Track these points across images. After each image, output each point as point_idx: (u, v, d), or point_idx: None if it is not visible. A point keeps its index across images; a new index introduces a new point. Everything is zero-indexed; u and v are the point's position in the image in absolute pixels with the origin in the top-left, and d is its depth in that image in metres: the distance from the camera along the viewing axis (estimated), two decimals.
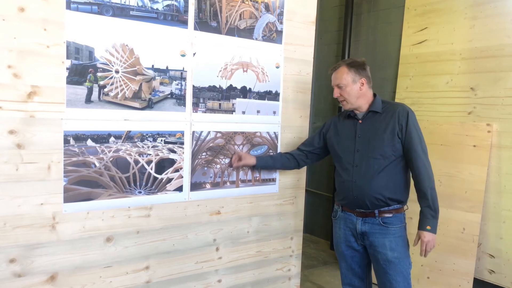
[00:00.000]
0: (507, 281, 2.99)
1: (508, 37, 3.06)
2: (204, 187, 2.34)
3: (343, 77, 2.16)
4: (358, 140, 2.20)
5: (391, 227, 2.14)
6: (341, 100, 2.21)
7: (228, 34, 2.32)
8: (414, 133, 2.10)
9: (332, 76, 2.22)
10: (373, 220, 2.16)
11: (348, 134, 2.25)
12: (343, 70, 2.17)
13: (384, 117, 2.16)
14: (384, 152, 2.11)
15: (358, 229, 2.20)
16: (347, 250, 2.29)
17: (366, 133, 2.18)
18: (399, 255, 2.13)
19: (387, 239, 2.13)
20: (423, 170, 2.09)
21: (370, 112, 2.20)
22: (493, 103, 3.11)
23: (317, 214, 4.68)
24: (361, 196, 2.14)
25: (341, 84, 2.16)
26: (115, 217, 2.06)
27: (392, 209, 2.15)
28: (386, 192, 2.11)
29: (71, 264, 1.97)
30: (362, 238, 2.21)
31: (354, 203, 2.19)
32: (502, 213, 3.03)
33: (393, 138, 2.11)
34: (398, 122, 2.11)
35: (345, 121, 2.31)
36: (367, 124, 2.20)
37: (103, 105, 1.98)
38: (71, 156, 1.93)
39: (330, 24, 4.54)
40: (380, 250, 2.14)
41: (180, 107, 2.21)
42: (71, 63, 1.88)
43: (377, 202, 2.12)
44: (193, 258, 2.33)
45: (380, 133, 2.14)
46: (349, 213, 2.24)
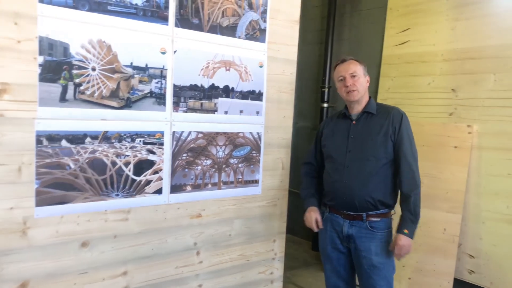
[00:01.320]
0: (487, 281, 3.02)
1: (488, 39, 3.08)
2: (184, 190, 2.26)
3: (357, 68, 2.14)
4: (351, 141, 2.16)
5: (378, 232, 2.11)
6: (353, 89, 2.13)
7: (210, 31, 2.25)
8: (406, 136, 2.09)
9: (343, 66, 2.16)
10: (360, 223, 2.12)
11: (341, 134, 2.21)
12: (355, 62, 2.15)
13: (378, 119, 2.14)
14: (377, 154, 2.09)
15: (345, 232, 2.17)
16: (333, 252, 2.25)
17: (359, 134, 2.15)
18: (383, 260, 2.10)
19: (373, 244, 2.10)
20: (410, 173, 2.07)
21: (364, 113, 2.17)
22: (473, 105, 3.13)
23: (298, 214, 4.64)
24: (351, 197, 2.11)
25: (355, 73, 2.13)
26: (91, 221, 1.97)
27: (380, 213, 2.12)
28: (376, 195, 2.09)
29: (43, 271, 1.87)
30: (347, 241, 2.18)
31: (343, 205, 2.15)
32: (481, 213, 3.05)
33: (386, 141, 2.09)
34: (391, 125, 2.10)
35: (338, 121, 2.28)
36: (361, 125, 2.17)
37: (78, 104, 1.89)
38: (44, 157, 1.83)
39: (313, 24, 4.51)
40: (365, 255, 2.11)
41: (160, 107, 2.13)
42: (44, 60, 1.78)
43: (367, 204, 2.09)
44: (173, 263, 2.26)
45: (373, 134, 2.11)
46: (336, 215, 2.20)
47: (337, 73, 2.19)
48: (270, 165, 2.60)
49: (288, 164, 2.69)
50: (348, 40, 4.17)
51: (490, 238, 3.01)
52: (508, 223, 2.93)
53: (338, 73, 2.19)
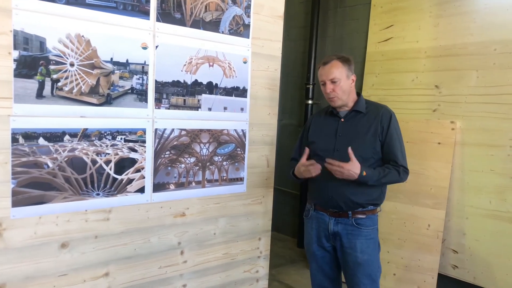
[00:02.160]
0: (470, 276, 3.05)
1: (471, 36, 3.10)
2: (167, 188, 2.22)
3: (338, 71, 2.05)
4: (338, 139, 2.11)
5: (364, 229, 2.09)
6: (333, 96, 2.07)
7: (193, 26, 2.21)
8: (395, 136, 2.07)
9: (324, 70, 2.08)
10: (346, 220, 2.10)
11: (329, 132, 2.16)
12: (337, 64, 2.06)
13: (367, 118, 2.11)
14: (365, 153, 2.05)
15: (330, 229, 2.14)
16: (318, 250, 2.22)
17: (347, 133, 2.11)
18: (369, 258, 2.08)
19: (359, 241, 2.08)
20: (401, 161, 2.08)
21: (353, 112, 2.13)
22: (456, 101, 3.16)
23: (283, 212, 4.64)
24: (336, 196, 2.08)
25: (336, 78, 2.04)
26: (70, 221, 1.92)
27: (366, 210, 2.10)
28: (362, 195, 2.07)
29: (21, 273, 1.81)
30: (333, 238, 2.15)
31: (328, 203, 2.13)
32: (465, 209, 3.08)
33: (374, 140, 2.07)
34: (380, 124, 2.07)
35: (326, 119, 2.22)
36: (349, 124, 2.13)
37: (56, 100, 1.83)
38: (21, 156, 1.76)
39: (296, 20, 4.50)
40: (350, 252, 2.09)
41: (142, 103, 2.08)
42: (19, 54, 1.72)
43: (352, 204, 2.07)
44: (157, 263, 2.21)
45: (362, 134, 2.08)
46: (321, 213, 2.17)
47: (319, 76, 2.13)
48: (255, 163, 2.57)
49: (273, 161, 2.67)
50: (332, 37, 4.17)
51: (474, 233, 3.04)
52: (491, 219, 2.96)
53: (320, 76, 2.12)
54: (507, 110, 2.90)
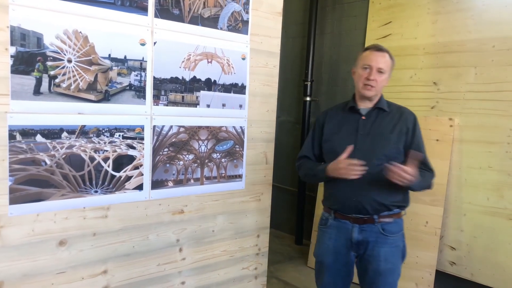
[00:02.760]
0: (468, 273, 3.06)
1: (469, 33, 3.10)
2: (166, 185, 2.21)
3: (387, 64, 1.95)
4: (359, 137, 1.97)
5: (390, 236, 1.95)
6: (372, 85, 1.93)
7: (191, 22, 2.19)
8: (420, 138, 2.01)
9: (375, 55, 1.94)
10: (372, 227, 1.95)
11: (348, 130, 2.01)
12: (387, 56, 1.96)
13: (391, 117, 2.00)
14: (389, 152, 1.93)
15: (354, 238, 1.96)
16: (335, 263, 2.03)
17: (369, 131, 1.98)
18: (392, 267, 1.96)
19: (383, 249, 1.94)
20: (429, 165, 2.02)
21: (376, 109, 2.01)
22: (455, 98, 3.16)
23: (281, 208, 4.64)
24: (361, 199, 1.92)
25: (384, 69, 1.93)
26: (68, 218, 1.90)
27: (392, 214, 1.97)
28: (389, 196, 1.93)
29: (18, 271, 1.80)
30: (357, 247, 1.98)
31: (351, 208, 1.95)
32: (463, 206, 3.09)
33: (399, 140, 1.96)
34: (405, 125, 1.97)
35: (344, 115, 2.07)
36: (371, 121, 1.99)
37: (54, 97, 1.81)
38: (18, 153, 1.75)
39: (295, 17, 4.48)
40: (371, 260, 1.95)
41: (140, 100, 2.06)
42: (16, 50, 1.70)
43: (379, 206, 1.93)
44: (155, 260, 2.20)
45: (386, 132, 1.96)
46: (343, 221, 1.99)
47: (365, 59, 1.96)
48: (254, 160, 2.56)
49: (272, 158, 2.66)
50: (331, 33, 4.16)
51: (471, 230, 3.05)
52: (489, 215, 2.97)
53: (366, 59, 1.96)
54: (505, 107, 2.90)
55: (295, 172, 4.43)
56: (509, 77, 2.89)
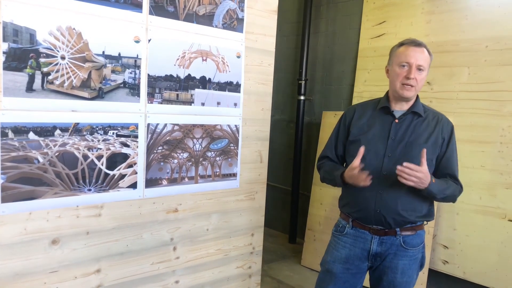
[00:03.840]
0: (460, 271, 3.08)
1: (462, 33, 3.12)
2: (160, 184, 2.19)
3: (427, 61, 1.75)
4: (390, 143, 1.79)
5: (411, 249, 1.82)
6: (412, 85, 1.74)
7: (186, 20, 2.18)
8: (455, 151, 1.84)
9: (414, 51, 1.74)
10: (393, 239, 1.81)
11: (379, 133, 1.83)
12: (426, 52, 1.76)
13: (427, 123, 1.81)
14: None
15: (372, 250, 1.83)
16: (344, 273, 1.89)
17: (402, 137, 1.79)
18: (408, 279, 1.84)
19: (402, 261, 1.82)
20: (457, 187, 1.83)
21: (411, 113, 1.81)
22: (448, 98, 3.18)
23: (275, 207, 4.64)
24: (385, 211, 1.77)
25: (423, 66, 1.73)
26: (61, 217, 1.88)
27: (415, 226, 1.83)
28: (412, 212, 1.79)
29: (10, 270, 1.77)
30: (373, 259, 1.86)
31: (373, 219, 1.81)
32: (456, 205, 3.10)
33: (434, 151, 1.79)
34: (441, 134, 1.80)
35: (375, 115, 1.88)
36: (405, 126, 1.80)
37: (47, 94, 1.79)
38: (10, 151, 1.72)
39: (289, 15, 4.48)
40: (388, 272, 1.83)
41: (134, 98, 2.05)
42: (8, 47, 1.67)
43: (403, 221, 1.79)
44: (149, 259, 2.19)
45: (421, 140, 1.78)
46: (362, 231, 1.85)
47: (402, 56, 1.76)
48: (248, 158, 2.56)
49: (267, 157, 2.66)
50: (325, 32, 4.16)
51: (464, 228, 3.07)
52: (481, 214, 2.99)
53: (403, 56, 1.75)
54: (498, 106, 2.93)
55: (289, 171, 4.43)
56: (502, 77, 2.91)
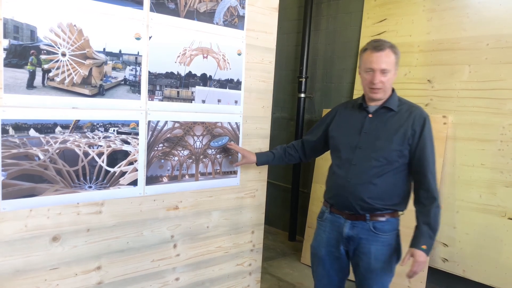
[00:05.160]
0: (459, 269, 3.09)
1: (464, 31, 3.12)
2: (160, 181, 2.19)
3: (390, 62, 1.84)
4: (363, 136, 1.93)
5: (382, 234, 1.91)
6: (379, 87, 1.86)
7: (187, 17, 2.17)
8: (429, 143, 1.88)
9: (376, 57, 1.84)
10: (363, 224, 1.92)
11: (353, 127, 1.97)
12: (390, 53, 1.84)
13: (398, 117, 1.90)
14: (390, 156, 1.87)
15: (345, 233, 1.96)
16: (328, 256, 2.05)
17: (373, 130, 1.92)
18: (382, 265, 1.92)
19: (374, 246, 1.92)
20: (433, 184, 1.88)
21: (383, 108, 1.93)
22: (449, 96, 3.18)
23: (275, 205, 4.65)
24: (353, 198, 1.91)
25: (387, 69, 1.83)
26: (62, 214, 1.88)
27: (385, 213, 1.92)
28: (380, 200, 1.90)
29: (11, 267, 1.77)
30: (347, 242, 1.98)
31: (344, 204, 1.96)
32: (456, 203, 3.11)
33: (402, 143, 1.87)
34: (412, 127, 1.87)
35: (352, 112, 2.03)
36: (377, 121, 1.93)
37: (47, 91, 1.78)
38: (11, 147, 1.72)
39: (290, 13, 4.47)
40: (363, 257, 1.94)
41: (135, 95, 2.04)
42: (9, 43, 1.67)
43: (369, 207, 1.91)
44: (149, 256, 2.19)
45: (390, 134, 1.89)
46: (337, 215, 2.00)
47: (366, 62, 1.89)
48: None
49: None
50: (325, 30, 4.15)
51: (464, 227, 3.07)
52: (481, 212, 2.99)
53: (367, 61, 1.88)
54: (498, 105, 2.93)
55: (289, 169, 4.44)
56: (503, 75, 2.91)
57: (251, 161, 2.34)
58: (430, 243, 1.86)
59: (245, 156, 2.36)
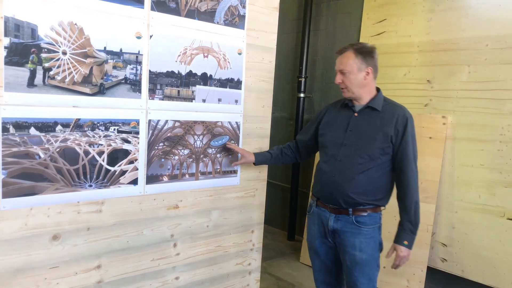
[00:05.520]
0: (458, 269, 3.10)
1: (463, 31, 3.12)
2: (161, 180, 2.19)
3: (348, 63, 1.99)
4: (348, 134, 2.04)
5: (364, 227, 2.02)
6: (342, 87, 2.05)
7: (188, 16, 2.17)
8: (410, 142, 1.97)
9: (337, 59, 2.05)
10: (346, 218, 2.03)
11: (340, 125, 2.09)
12: (350, 55, 1.99)
13: (382, 116, 2.01)
14: (372, 153, 1.98)
15: (330, 226, 2.08)
16: (321, 247, 2.16)
17: (358, 129, 2.03)
18: (367, 257, 2.02)
19: (358, 239, 2.02)
20: (413, 183, 1.98)
21: (368, 107, 2.04)
22: (448, 96, 3.18)
23: (274, 204, 4.65)
24: (336, 193, 2.02)
25: (345, 70, 2.00)
26: (62, 213, 1.88)
27: (367, 208, 2.03)
28: (362, 195, 2.00)
29: (11, 266, 1.77)
30: (333, 235, 2.10)
31: (329, 198, 2.07)
32: (454, 203, 3.12)
33: (385, 141, 1.97)
34: (395, 126, 1.97)
35: (340, 111, 2.15)
36: (362, 119, 2.04)
37: (48, 89, 1.78)
38: (11, 146, 1.72)
39: (289, 13, 4.47)
40: (348, 250, 2.03)
41: (135, 94, 2.04)
42: (10, 42, 1.67)
43: (353, 202, 2.01)
44: (149, 255, 2.19)
45: (373, 132, 1.99)
46: (323, 209, 2.12)
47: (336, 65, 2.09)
48: None
49: None
50: (325, 30, 4.16)
51: (462, 227, 3.08)
52: (480, 213, 3.00)
53: (336, 64, 2.09)
54: (497, 105, 2.94)
55: (288, 169, 4.44)
56: (502, 76, 2.92)
57: (249, 160, 2.38)
58: (412, 238, 2.00)
59: (244, 156, 2.39)
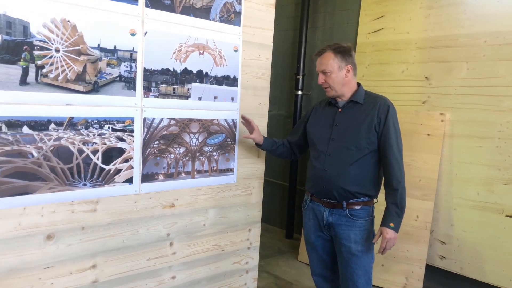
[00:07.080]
0: (457, 267, 3.08)
1: (461, 28, 3.10)
2: (156, 179, 2.17)
3: (329, 63, 2.08)
4: (335, 129, 2.14)
5: (358, 220, 2.10)
6: (326, 87, 2.14)
7: (183, 13, 2.15)
8: (392, 129, 2.05)
9: (317, 61, 2.14)
10: (340, 211, 2.11)
11: (326, 122, 2.19)
12: (329, 55, 2.09)
13: (364, 108, 2.11)
14: (359, 144, 2.06)
15: (325, 220, 2.16)
16: (318, 240, 2.24)
17: (343, 123, 2.13)
18: (362, 249, 2.10)
19: (352, 232, 2.09)
20: (396, 167, 2.04)
21: (351, 102, 2.14)
22: (446, 93, 3.17)
23: (272, 202, 4.63)
24: (330, 186, 2.10)
25: (326, 70, 2.09)
26: (56, 212, 1.86)
27: (360, 201, 2.11)
28: (354, 186, 2.08)
29: (4, 266, 1.75)
30: (328, 229, 2.17)
31: (323, 193, 2.14)
32: (453, 200, 3.11)
33: (369, 131, 2.06)
34: (377, 115, 2.06)
35: (325, 108, 2.25)
36: (346, 114, 2.14)
37: (41, 87, 1.76)
38: (4, 145, 1.69)
39: (287, 10, 4.45)
40: (344, 243, 2.11)
41: (130, 91, 2.02)
42: (1, 39, 1.64)
43: (345, 194, 2.09)
44: (145, 255, 2.17)
45: (357, 124, 2.08)
46: (317, 203, 2.20)
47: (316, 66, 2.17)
48: (246, 153, 2.54)
49: (264, 152, 2.64)
50: (323, 27, 4.13)
51: (461, 224, 3.07)
52: (478, 210, 2.99)
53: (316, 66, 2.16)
54: (496, 102, 2.92)
55: (286, 167, 4.42)
56: (500, 72, 2.90)
57: (259, 140, 2.38)
58: (398, 221, 2.04)
59: (256, 132, 2.35)
